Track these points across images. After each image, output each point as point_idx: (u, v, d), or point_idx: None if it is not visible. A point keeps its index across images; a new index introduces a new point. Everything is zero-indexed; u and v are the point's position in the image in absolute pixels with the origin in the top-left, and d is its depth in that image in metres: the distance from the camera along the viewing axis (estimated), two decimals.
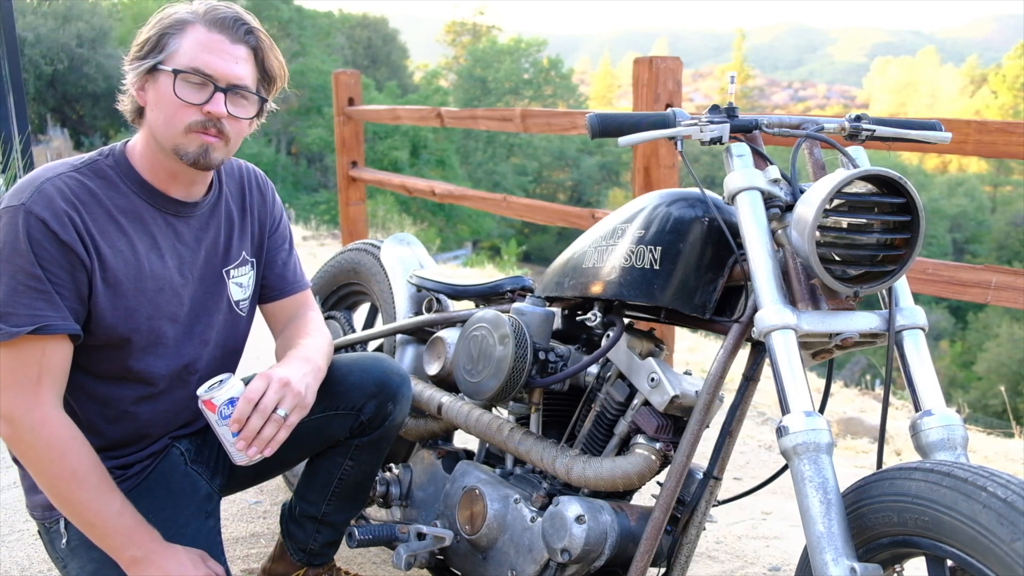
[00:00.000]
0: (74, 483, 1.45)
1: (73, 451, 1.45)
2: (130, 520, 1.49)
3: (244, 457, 1.46)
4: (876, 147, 1.60)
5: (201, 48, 1.47)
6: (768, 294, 1.31)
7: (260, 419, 1.43)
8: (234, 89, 1.49)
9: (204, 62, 1.46)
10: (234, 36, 1.50)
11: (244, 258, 1.71)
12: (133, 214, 1.53)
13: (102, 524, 1.47)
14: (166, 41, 1.46)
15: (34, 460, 1.46)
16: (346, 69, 6.12)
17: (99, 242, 1.47)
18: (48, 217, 1.41)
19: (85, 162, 1.53)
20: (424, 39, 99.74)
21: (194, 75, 1.46)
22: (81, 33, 26.77)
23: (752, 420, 3.62)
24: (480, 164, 34.42)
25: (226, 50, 1.48)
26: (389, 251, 2.37)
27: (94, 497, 1.46)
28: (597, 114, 1.45)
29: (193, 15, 1.48)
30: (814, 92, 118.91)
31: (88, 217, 1.46)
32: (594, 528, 1.52)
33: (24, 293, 1.40)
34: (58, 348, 1.45)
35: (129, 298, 1.51)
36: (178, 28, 1.47)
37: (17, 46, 4.74)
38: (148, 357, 1.57)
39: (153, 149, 1.53)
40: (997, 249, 31.63)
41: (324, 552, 1.85)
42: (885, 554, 1.18)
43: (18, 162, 4.33)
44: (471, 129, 16.66)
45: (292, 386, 1.48)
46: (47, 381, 1.44)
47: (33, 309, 1.40)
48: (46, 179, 1.45)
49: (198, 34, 1.47)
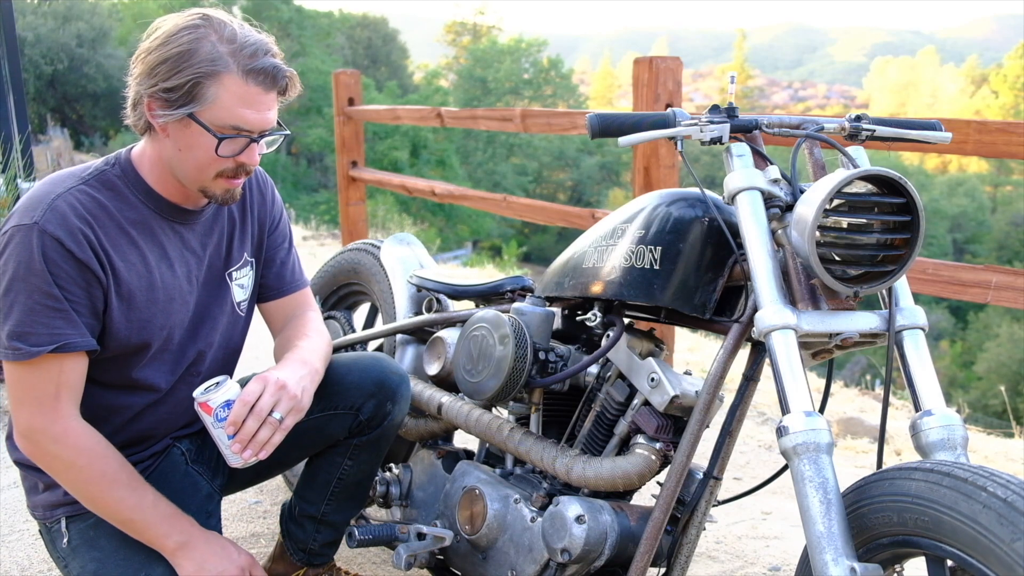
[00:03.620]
0: (106, 484, 1.46)
1: (99, 454, 1.47)
2: (166, 509, 1.51)
3: (239, 460, 1.46)
4: (876, 147, 1.60)
5: (239, 102, 1.41)
6: (768, 294, 1.31)
7: (256, 422, 1.44)
8: (265, 134, 1.48)
9: (242, 118, 1.42)
10: (270, 85, 1.45)
11: (245, 259, 1.71)
12: (143, 225, 1.53)
13: (141, 518, 1.48)
14: (201, 91, 1.39)
15: (63, 470, 1.47)
16: (346, 69, 6.12)
17: (113, 257, 1.47)
18: (63, 236, 1.40)
19: (92, 173, 1.51)
20: (424, 39, 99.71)
21: (232, 133, 1.43)
22: (81, 33, 26.77)
23: (752, 420, 3.62)
24: (480, 164, 34.41)
25: (262, 101, 1.44)
26: (389, 251, 2.37)
27: (128, 494, 1.48)
28: (597, 114, 1.45)
29: (227, 60, 1.40)
30: (814, 92, 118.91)
31: (101, 232, 1.46)
32: (594, 528, 1.52)
33: (42, 312, 1.40)
34: (76, 364, 1.45)
35: (142, 310, 1.52)
36: (212, 77, 1.39)
37: (17, 46, 4.74)
38: (155, 363, 1.58)
39: (165, 169, 1.51)
40: (997, 249, 31.62)
41: (324, 552, 1.85)
42: (885, 554, 1.18)
43: (18, 162, 4.33)
44: (471, 129, 16.66)
45: (288, 389, 1.48)
46: (65, 395, 1.45)
47: (52, 328, 1.41)
48: (57, 195, 1.43)
49: (235, 86, 1.40)
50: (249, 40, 1.43)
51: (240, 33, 1.43)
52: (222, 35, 1.41)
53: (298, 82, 1.52)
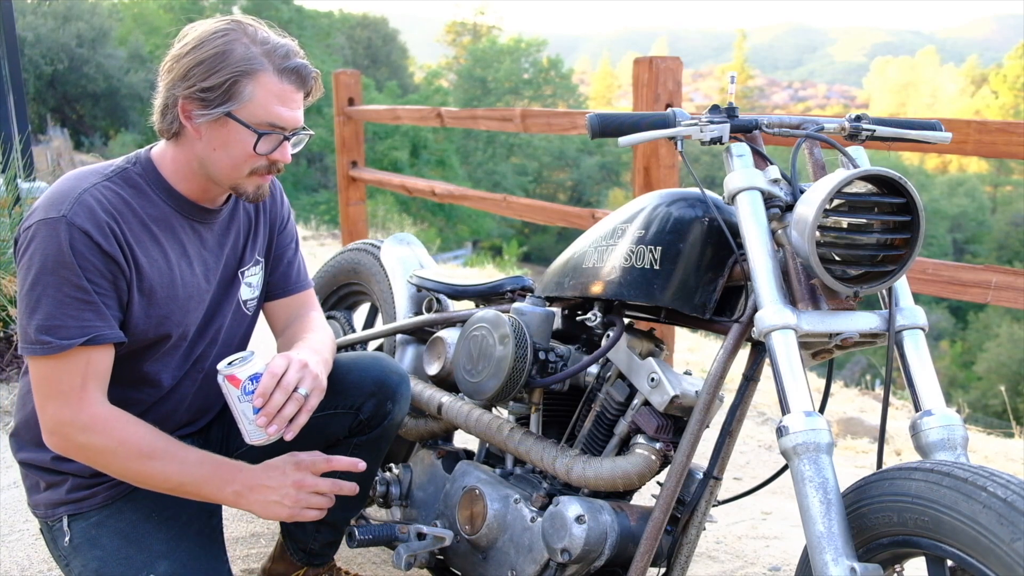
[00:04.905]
0: (145, 459, 1.46)
1: (130, 432, 1.46)
2: (212, 463, 1.50)
3: (263, 435, 1.44)
4: (876, 147, 1.60)
5: (275, 100, 1.47)
6: (768, 294, 1.31)
7: (283, 395, 1.44)
8: (296, 133, 1.52)
9: (278, 115, 1.48)
10: (301, 84, 1.51)
11: (256, 258, 1.74)
12: (164, 222, 1.54)
13: (191, 480, 1.48)
14: (238, 89, 1.44)
15: (98, 456, 1.47)
16: (346, 69, 6.12)
17: (136, 252, 1.48)
18: (91, 228, 1.42)
19: (115, 170, 1.53)
20: (424, 39, 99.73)
21: (268, 129, 1.47)
22: (81, 33, 26.73)
23: (752, 420, 3.62)
24: (480, 164, 34.42)
25: (295, 99, 1.50)
26: (389, 251, 2.37)
27: (169, 462, 1.47)
28: (597, 114, 1.45)
29: (262, 60, 1.46)
30: (814, 92, 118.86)
31: (125, 227, 1.48)
32: (594, 528, 1.52)
33: (71, 305, 1.41)
34: (103, 355, 1.46)
35: (162, 306, 1.53)
36: (249, 76, 1.44)
37: (17, 46, 4.73)
38: (166, 359, 1.60)
39: (193, 170, 1.54)
40: (997, 249, 31.62)
41: (324, 552, 1.85)
42: (885, 554, 1.18)
43: (18, 162, 4.32)
44: (471, 129, 16.66)
45: (310, 368, 1.49)
46: (92, 384, 1.45)
47: (82, 321, 1.41)
48: (83, 189, 1.45)
49: (271, 84, 1.46)
50: (280, 42, 1.50)
51: (270, 36, 1.49)
52: (254, 38, 1.47)
53: (320, 84, 1.57)
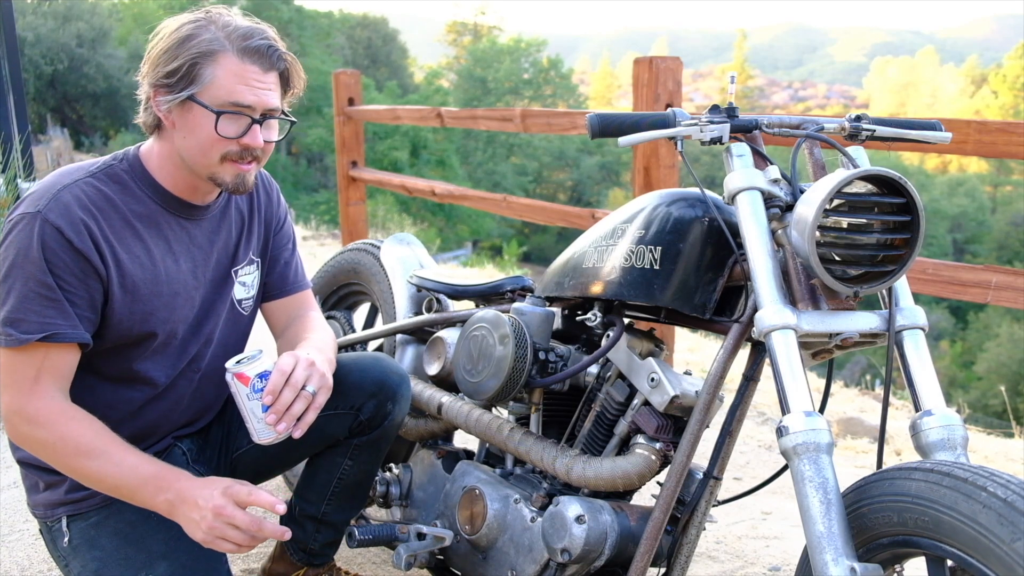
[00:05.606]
0: (83, 457, 1.44)
1: (71, 428, 1.44)
2: (151, 469, 1.45)
3: (271, 434, 1.44)
4: (876, 147, 1.60)
5: (236, 80, 1.44)
6: (768, 294, 1.31)
7: (292, 393, 1.43)
8: (268, 117, 1.50)
9: (241, 95, 1.45)
10: (266, 65, 1.48)
11: (250, 258, 1.73)
12: (149, 219, 1.54)
13: (125, 483, 1.45)
14: (198, 71, 1.43)
15: (41, 449, 1.47)
16: (346, 69, 6.12)
17: (116, 248, 1.48)
18: (64, 225, 1.41)
19: (100, 167, 1.53)
20: (424, 39, 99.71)
21: (232, 109, 1.45)
22: (81, 33, 26.73)
23: (752, 420, 3.62)
24: (480, 164, 34.41)
25: (260, 80, 1.47)
26: (389, 251, 2.37)
27: (105, 463, 1.44)
28: (597, 114, 1.45)
29: (223, 41, 1.44)
30: (814, 92, 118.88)
31: (105, 224, 1.47)
32: (594, 528, 1.52)
33: (35, 300, 1.41)
34: (63, 354, 1.45)
35: (145, 303, 1.53)
36: (209, 57, 1.43)
37: (17, 46, 4.74)
38: (157, 357, 1.59)
39: (176, 164, 1.53)
40: (997, 249, 31.61)
41: (324, 552, 1.85)
42: (885, 554, 1.18)
43: (18, 162, 4.33)
44: (471, 129, 16.66)
45: (317, 367, 1.49)
46: (46, 379, 1.44)
47: (43, 317, 1.41)
48: (63, 186, 1.45)
49: (231, 64, 1.44)
50: (243, 24, 1.48)
51: (236, 20, 1.48)
52: (219, 24, 1.46)
53: (300, 69, 1.55)
